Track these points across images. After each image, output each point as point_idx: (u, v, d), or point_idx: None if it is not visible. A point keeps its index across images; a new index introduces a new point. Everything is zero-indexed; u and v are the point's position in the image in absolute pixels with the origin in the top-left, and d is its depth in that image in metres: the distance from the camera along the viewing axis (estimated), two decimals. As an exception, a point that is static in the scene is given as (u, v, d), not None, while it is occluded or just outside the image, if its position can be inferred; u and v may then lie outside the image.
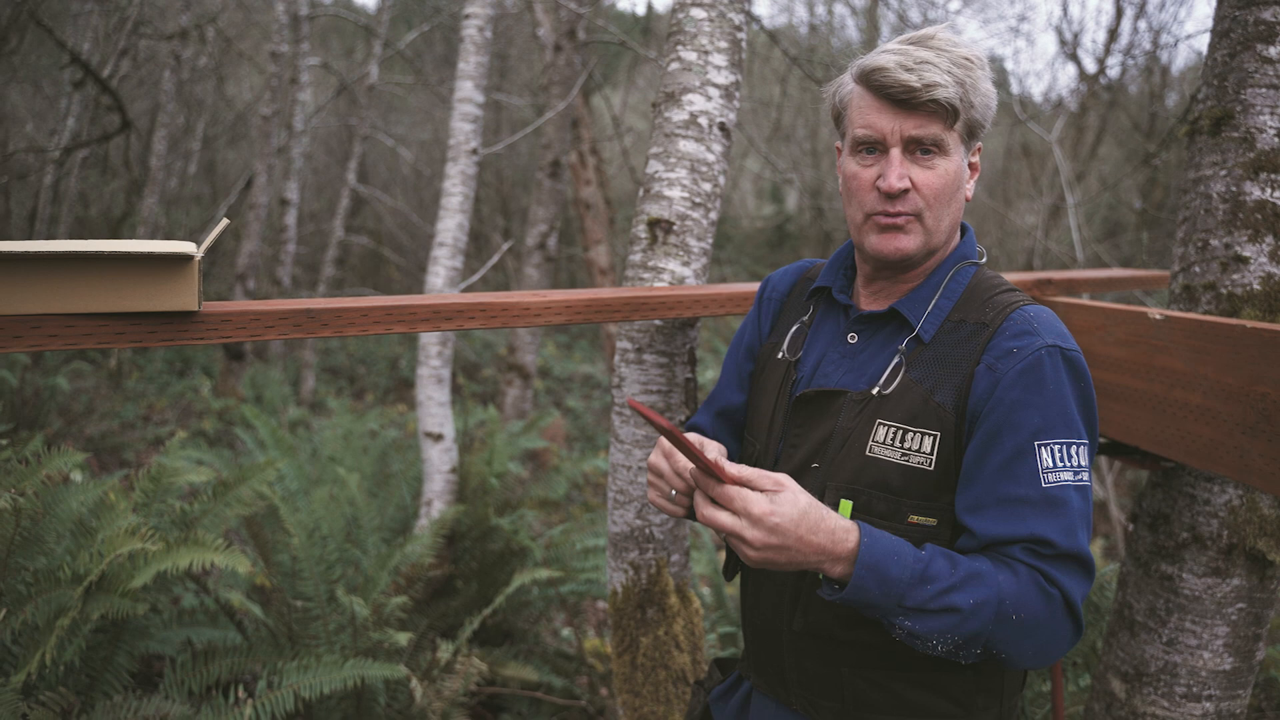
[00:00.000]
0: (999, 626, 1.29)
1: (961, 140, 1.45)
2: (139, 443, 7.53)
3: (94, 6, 10.86)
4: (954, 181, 1.45)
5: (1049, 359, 1.36)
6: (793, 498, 1.26)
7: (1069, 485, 1.34)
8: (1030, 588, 1.31)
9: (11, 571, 2.52)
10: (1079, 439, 1.36)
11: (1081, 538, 1.34)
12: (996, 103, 1.47)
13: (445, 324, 1.60)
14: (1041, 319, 1.41)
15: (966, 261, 1.52)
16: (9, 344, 1.30)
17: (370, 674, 2.58)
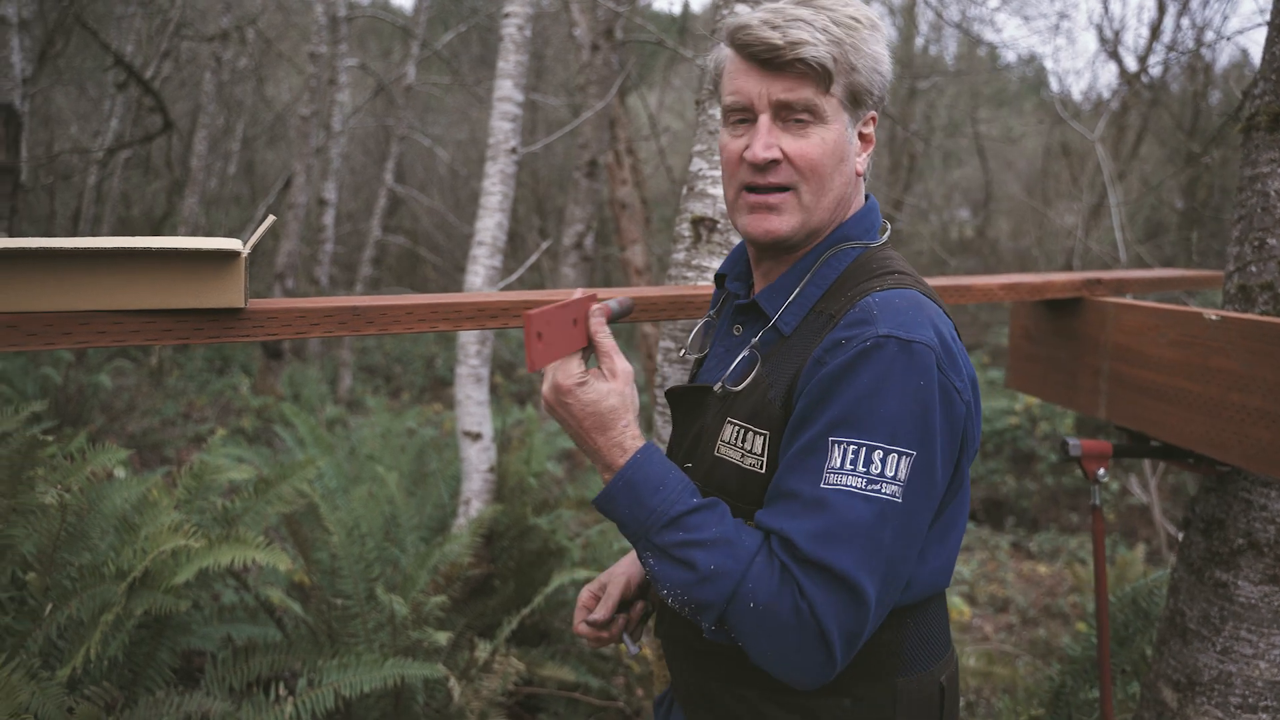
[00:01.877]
0: (734, 607, 1.16)
1: (844, 107, 1.29)
2: (179, 440, 7.61)
3: (137, 9, 11.00)
4: (834, 152, 1.29)
5: (876, 350, 1.16)
6: (598, 391, 1.25)
7: (852, 492, 1.14)
8: (777, 585, 1.15)
9: (57, 567, 2.55)
10: (888, 444, 1.15)
11: (838, 551, 1.13)
12: (890, 70, 1.32)
13: (490, 322, 1.58)
14: (886, 306, 1.21)
15: (849, 243, 1.34)
16: (59, 340, 1.30)
17: (410, 673, 2.58)
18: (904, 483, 1.15)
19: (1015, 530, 7.78)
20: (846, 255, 1.34)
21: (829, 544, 1.13)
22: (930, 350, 1.17)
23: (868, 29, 1.29)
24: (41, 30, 10.15)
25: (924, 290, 1.28)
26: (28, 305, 1.28)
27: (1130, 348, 2.29)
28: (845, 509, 1.14)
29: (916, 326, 1.18)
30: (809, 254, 1.35)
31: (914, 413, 1.15)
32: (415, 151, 15.11)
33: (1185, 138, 9.95)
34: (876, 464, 1.14)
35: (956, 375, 1.20)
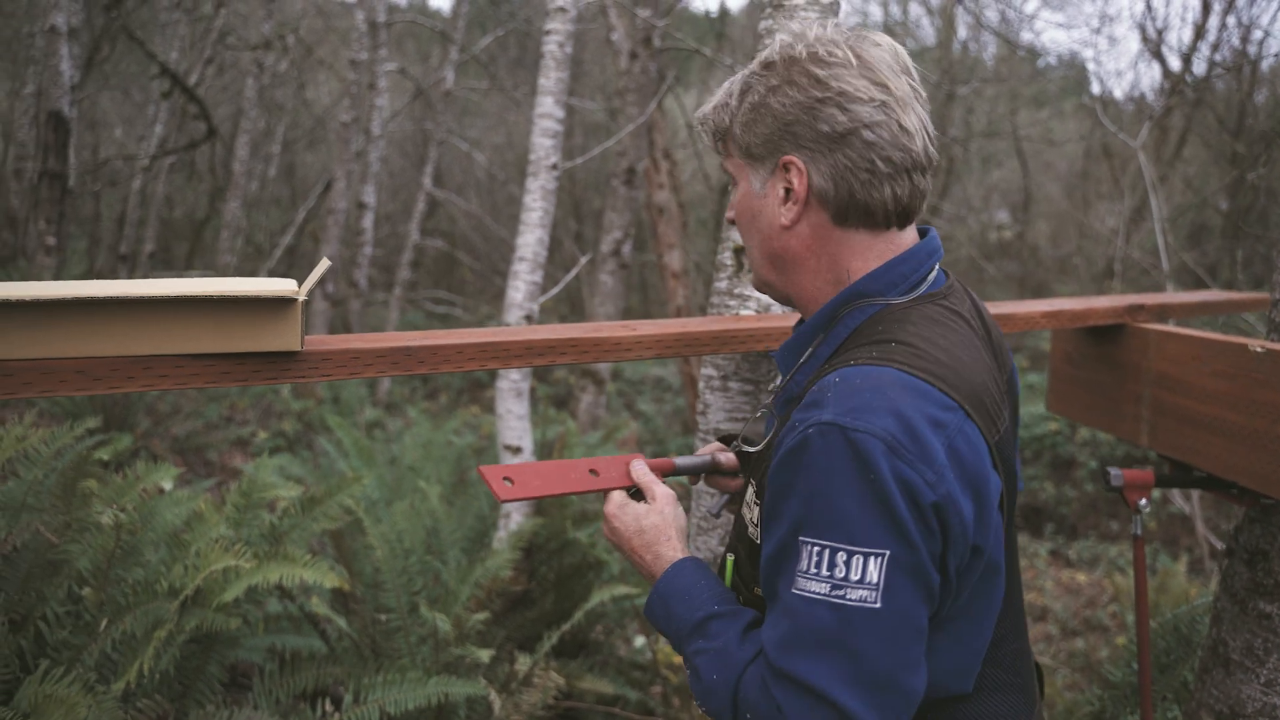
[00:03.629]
0: (738, 713, 1.15)
1: (749, 166, 1.27)
2: (222, 443, 7.73)
3: (181, 16, 11.16)
4: (744, 211, 1.30)
5: (818, 439, 1.08)
6: (637, 514, 1.40)
7: (814, 598, 1.07)
8: (757, 695, 1.13)
9: (112, 583, 2.61)
10: (849, 545, 1.06)
11: (802, 661, 1.07)
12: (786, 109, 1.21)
13: (538, 360, 1.61)
14: (843, 386, 1.12)
15: (865, 300, 1.24)
16: (123, 384, 1.35)
17: (454, 691, 2.63)
18: (878, 586, 1.05)
19: (1054, 538, 7.73)
20: (862, 313, 1.24)
21: (792, 653, 1.09)
22: (876, 440, 1.05)
23: (761, 75, 1.25)
24: (89, 37, 10.34)
25: (912, 366, 1.13)
26: (94, 350, 1.33)
27: (1173, 376, 2.28)
28: (808, 616, 1.08)
29: (866, 412, 1.07)
30: (823, 309, 1.27)
31: (873, 509, 1.06)
32: (453, 155, 15.22)
33: (1231, 139, 9.81)
34: (841, 568, 1.06)
35: (926, 466, 1.06)
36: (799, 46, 1.21)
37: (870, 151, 1.19)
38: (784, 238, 1.26)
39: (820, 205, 1.23)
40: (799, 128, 1.20)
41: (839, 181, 1.20)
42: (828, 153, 1.20)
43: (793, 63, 1.21)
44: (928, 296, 1.25)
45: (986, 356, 1.25)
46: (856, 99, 1.18)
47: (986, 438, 1.14)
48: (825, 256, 1.26)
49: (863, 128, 1.18)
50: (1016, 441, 1.33)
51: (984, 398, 1.17)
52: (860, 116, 1.18)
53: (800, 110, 1.20)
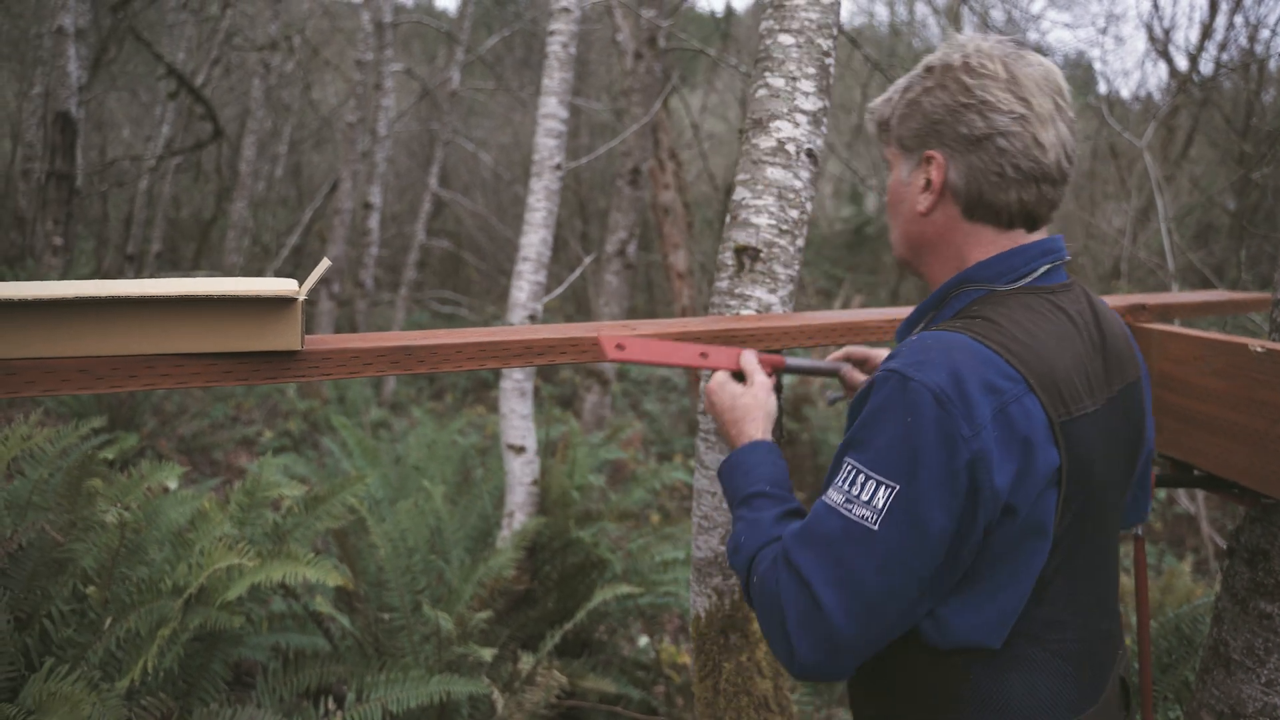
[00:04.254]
0: (750, 580, 1.36)
1: (902, 155, 1.44)
2: (228, 443, 7.74)
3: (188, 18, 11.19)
4: (891, 195, 1.48)
5: (882, 381, 1.25)
6: (734, 393, 1.69)
7: (830, 506, 1.25)
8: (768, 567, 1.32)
9: (116, 581, 2.62)
10: (870, 470, 1.22)
11: (803, 553, 1.25)
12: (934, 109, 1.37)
13: (537, 359, 1.62)
14: (916, 344, 1.27)
15: (971, 285, 1.39)
16: (125, 382, 1.36)
17: (456, 689, 2.63)
18: (881, 512, 1.20)
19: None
20: (968, 296, 1.39)
21: (799, 545, 1.27)
22: (927, 390, 1.19)
23: (923, 76, 1.40)
24: (96, 38, 10.37)
25: (985, 337, 1.25)
26: (96, 349, 1.34)
27: (1174, 375, 2.28)
28: (819, 519, 1.26)
29: (927, 366, 1.21)
30: (934, 294, 1.45)
31: (899, 448, 1.20)
32: (459, 155, 15.23)
33: (1238, 139, 9.77)
34: (858, 487, 1.22)
35: (965, 421, 1.18)
36: (957, 56, 1.37)
37: (1001, 158, 1.33)
38: (920, 223, 1.43)
39: (953, 198, 1.38)
40: (943, 127, 1.36)
41: (971, 180, 1.35)
42: (965, 153, 1.35)
43: (948, 70, 1.36)
44: (1031, 288, 1.37)
45: (1083, 352, 1.34)
46: (996, 109, 1.32)
47: (1050, 414, 1.23)
48: (952, 245, 1.41)
49: (998, 135, 1.32)
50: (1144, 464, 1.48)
51: (1057, 379, 1.26)
52: (997, 125, 1.32)
53: (946, 112, 1.35)
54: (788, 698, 2.31)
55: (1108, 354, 1.40)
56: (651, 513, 6.68)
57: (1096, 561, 1.37)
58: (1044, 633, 1.31)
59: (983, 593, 1.27)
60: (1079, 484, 1.27)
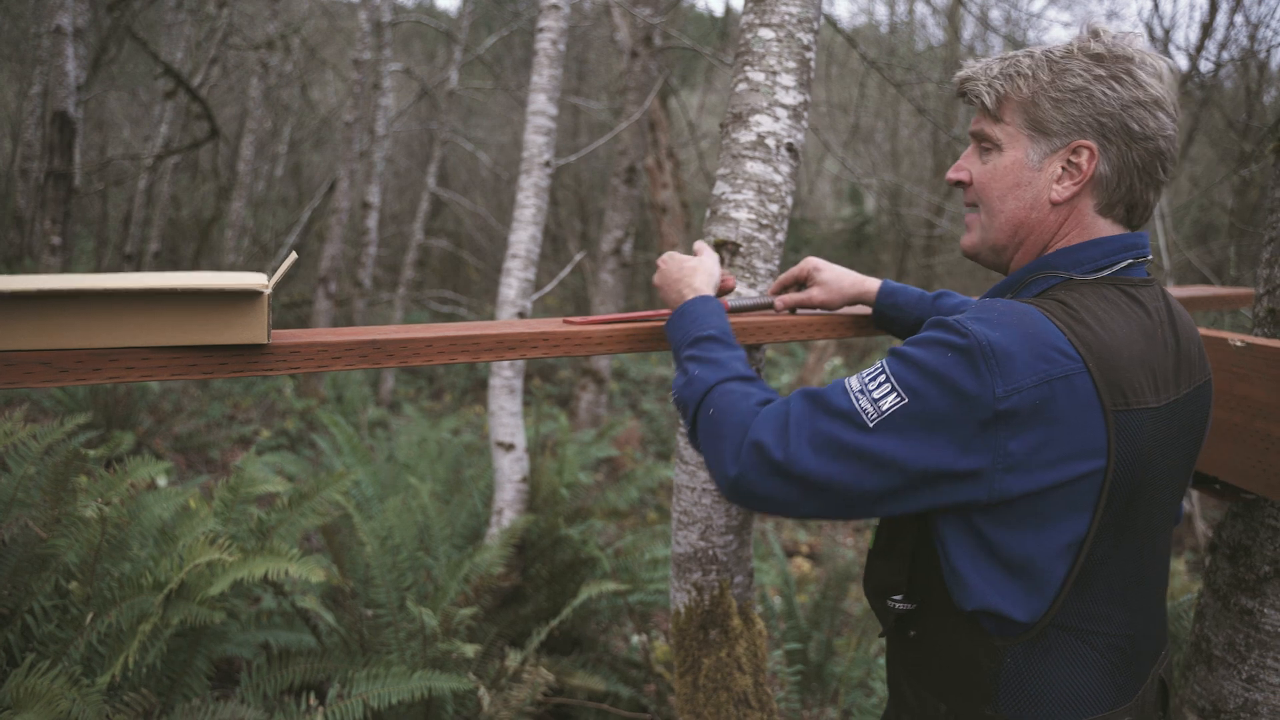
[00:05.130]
0: (701, 409, 1.43)
1: (1026, 136, 1.38)
2: (224, 441, 7.74)
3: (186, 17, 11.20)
4: (1003, 177, 1.41)
5: (945, 325, 1.26)
6: (682, 260, 1.78)
7: (846, 388, 1.29)
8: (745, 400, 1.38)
9: (98, 577, 2.62)
10: (893, 375, 1.25)
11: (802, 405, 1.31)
12: (1107, 100, 1.33)
13: (509, 353, 1.62)
14: (983, 304, 1.31)
15: (1050, 272, 1.38)
16: (90, 375, 1.35)
17: (437, 685, 2.63)
18: (881, 414, 1.24)
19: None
20: (1045, 282, 1.38)
21: (802, 396, 1.32)
22: (979, 341, 1.20)
23: (1063, 59, 1.36)
24: (95, 38, 10.38)
25: (1053, 314, 1.26)
26: (57, 343, 1.34)
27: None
28: (832, 389, 1.30)
29: (989, 324, 1.22)
30: (1010, 276, 1.43)
31: (929, 372, 1.22)
32: (458, 155, 15.24)
33: (1238, 138, 9.74)
34: (875, 383, 1.26)
35: (1003, 380, 1.18)
36: (1131, 50, 1.34)
37: (1158, 159, 1.34)
38: (1044, 211, 1.39)
39: (1093, 191, 1.37)
40: (1109, 120, 1.32)
41: (1123, 176, 1.35)
42: (1124, 148, 1.33)
43: (1122, 61, 1.33)
44: (1109, 279, 1.36)
45: (1154, 348, 1.32)
46: (1165, 110, 1.33)
47: (1104, 400, 1.21)
48: (1064, 236, 1.40)
49: (1160, 137, 1.33)
50: (1184, 460, 1.41)
51: (1120, 369, 1.24)
52: (1163, 127, 1.33)
53: (1119, 105, 1.32)
54: (768, 694, 2.30)
55: (1180, 355, 1.38)
56: (648, 511, 6.68)
57: (1145, 559, 1.36)
58: (1084, 624, 1.31)
59: (998, 556, 1.28)
60: (1128, 477, 1.26)
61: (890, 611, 1.42)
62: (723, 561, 2.27)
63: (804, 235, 16.23)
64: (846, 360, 10.65)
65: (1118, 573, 1.32)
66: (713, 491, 2.24)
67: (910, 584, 1.40)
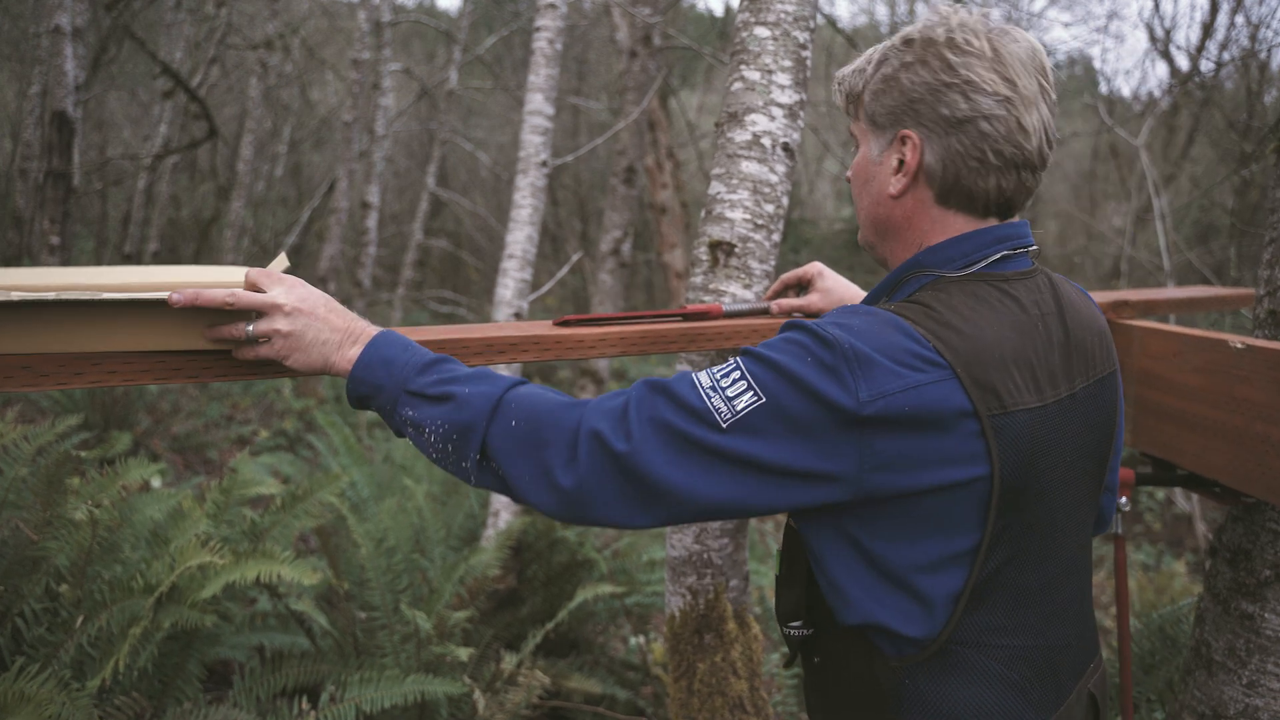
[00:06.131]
0: (495, 423, 1.23)
1: (872, 132, 1.35)
2: (223, 442, 7.73)
3: (186, 17, 11.19)
4: (858, 174, 1.39)
5: (803, 326, 1.20)
6: (306, 287, 1.35)
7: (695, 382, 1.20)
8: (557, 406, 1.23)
9: (89, 579, 2.60)
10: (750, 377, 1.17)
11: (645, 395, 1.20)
12: (913, 87, 1.28)
13: (499, 357, 1.60)
14: (843, 309, 1.25)
15: (922, 270, 1.32)
16: (72, 380, 1.33)
17: (430, 689, 2.61)
18: (738, 414, 1.15)
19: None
20: (918, 281, 1.32)
21: (646, 387, 1.21)
22: (840, 346, 1.14)
23: (900, 50, 1.30)
24: (95, 37, 10.37)
25: (915, 320, 1.20)
26: (39, 348, 1.32)
27: (1155, 373, 2.26)
28: (678, 381, 1.20)
29: (849, 330, 1.17)
30: (888, 277, 1.39)
31: (787, 374, 1.15)
32: (458, 155, 15.22)
33: (1239, 138, 9.72)
34: (729, 380, 1.18)
35: (865, 386, 1.13)
36: (940, 30, 1.27)
37: (984, 142, 1.25)
38: (889, 205, 1.35)
39: (927, 182, 1.31)
40: (922, 106, 1.27)
41: (948, 164, 1.27)
42: (943, 135, 1.26)
43: (930, 44, 1.27)
44: (979, 275, 1.30)
45: (1035, 344, 1.25)
46: (981, 90, 1.24)
47: (977, 406, 1.16)
48: (918, 230, 1.34)
49: (981, 119, 1.24)
50: (1115, 462, 1.37)
51: (991, 371, 1.18)
52: (981, 107, 1.24)
53: (926, 90, 1.26)
54: (764, 698, 2.29)
55: (1071, 347, 1.31)
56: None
57: (1053, 565, 1.30)
58: (986, 638, 1.24)
59: (877, 567, 1.22)
60: (1015, 482, 1.19)
61: (792, 639, 1.37)
62: (718, 565, 2.26)
63: (803, 235, 16.20)
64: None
65: (1019, 582, 1.26)
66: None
67: (808, 608, 1.35)
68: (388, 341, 1.32)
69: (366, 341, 1.32)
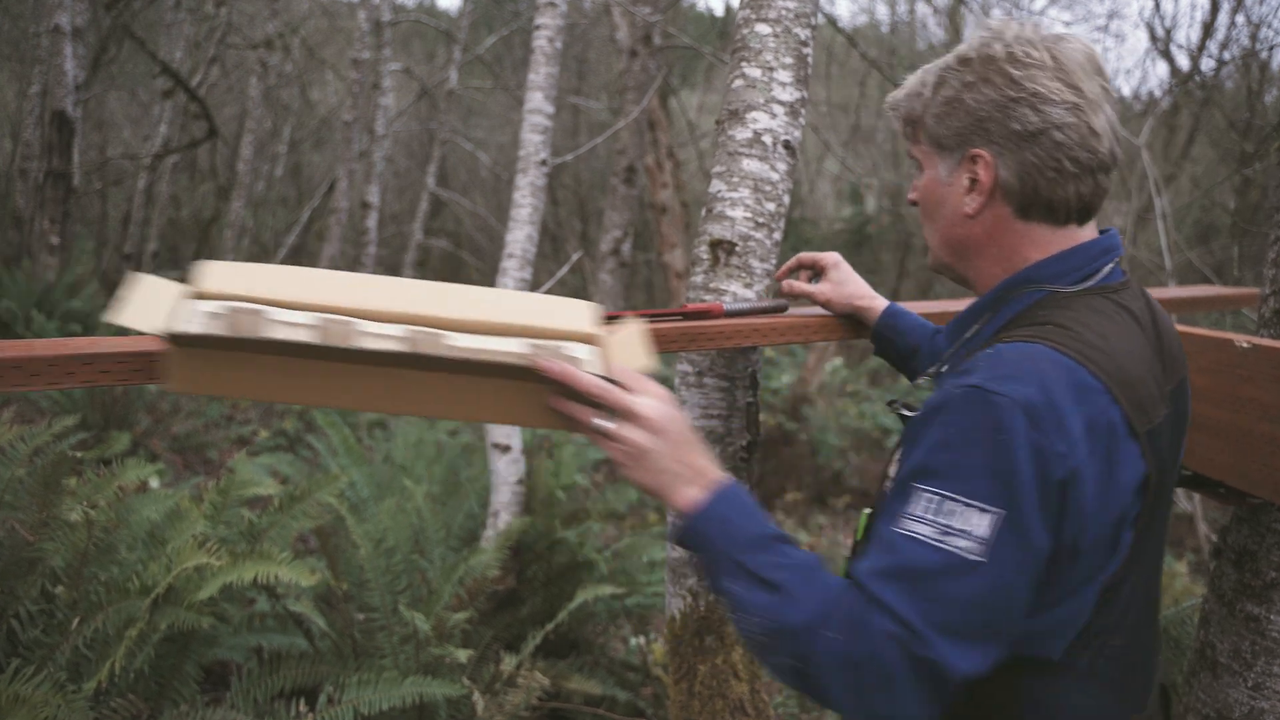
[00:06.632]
0: (814, 637, 1.11)
1: (936, 153, 1.34)
2: (223, 442, 7.71)
3: (186, 16, 11.18)
4: (927, 196, 1.37)
5: (959, 399, 1.13)
6: (672, 403, 1.26)
7: (920, 540, 1.09)
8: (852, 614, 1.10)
9: (85, 581, 2.59)
10: (967, 498, 1.09)
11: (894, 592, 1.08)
12: (980, 106, 1.27)
13: (495, 354, 1.58)
14: (995, 357, 1.17)
15: (1033, 286, 1.30)
16: (63, 379, 1.31)
17: (429, 690, 2.59)
18: (985, 541, 1.07)
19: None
20: (1028, 297, 1.30)
21: (886, 583, 1.09)
22: (1016, 405, 1.08)
23: (959, 69, 1.29)
24: (95, 38, 10.36)
25: (1064, 346, 1.17)
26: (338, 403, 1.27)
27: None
28: (910, 553, 1.09)
29: (1011, 380, 1.11)
30: (990, 292, 1.35)
31: (996, 470, 1.08)
32: (458, 155, 15.21)
33: (1239, 138, 9.70)
34: (952, 516, 1.09)
35: (1059, 437, 1.09)
36: (997, 45, 1.27)
37: (1059, 151, 1.24)
38: (966, 225, 1.33)
39: (1004, 198, 1.29)
40: (991, 124, 1.26)
41: (1025, 178, 1.26)
42: (1017, 150, 1.25)
43: (989, 61, 1.26)
44: (1096, 289, 1.30)
45: (1148, 355, 1.27)
46: (1049, 100, 1.23)
47: (1134, 425, 1.16)
48: (1004, 246, 1.32)
49: (1053, 129, 1.23)
50: (1179, 458, 1.35)
51: (1136, 387, 1.19)
52: (1052, 118, 1.23)
53: (994, 108, 1.26)
54: (765, 701, 2.27)
55: (1164, 354, 1.32)
56: (648, 512, 6.65)
57: (1151, 567, 1.32)
58: (1096, 640, 1.25)
59: (1051, 603, 1.19)
60: (1156, 492, 1.21)
61: None
62: (718, 566, 2.24)
63: (804, 235, 16.20)
64: (847, 361, 10.61)
65: (1135, 586, 1.27)
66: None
67: None
68: (730, 499, 1.24)
69: (711, 490, 1.24)
